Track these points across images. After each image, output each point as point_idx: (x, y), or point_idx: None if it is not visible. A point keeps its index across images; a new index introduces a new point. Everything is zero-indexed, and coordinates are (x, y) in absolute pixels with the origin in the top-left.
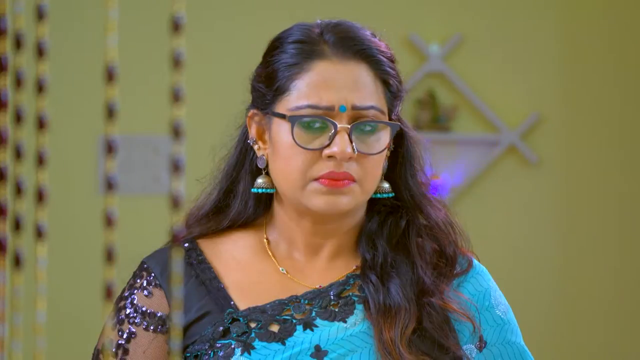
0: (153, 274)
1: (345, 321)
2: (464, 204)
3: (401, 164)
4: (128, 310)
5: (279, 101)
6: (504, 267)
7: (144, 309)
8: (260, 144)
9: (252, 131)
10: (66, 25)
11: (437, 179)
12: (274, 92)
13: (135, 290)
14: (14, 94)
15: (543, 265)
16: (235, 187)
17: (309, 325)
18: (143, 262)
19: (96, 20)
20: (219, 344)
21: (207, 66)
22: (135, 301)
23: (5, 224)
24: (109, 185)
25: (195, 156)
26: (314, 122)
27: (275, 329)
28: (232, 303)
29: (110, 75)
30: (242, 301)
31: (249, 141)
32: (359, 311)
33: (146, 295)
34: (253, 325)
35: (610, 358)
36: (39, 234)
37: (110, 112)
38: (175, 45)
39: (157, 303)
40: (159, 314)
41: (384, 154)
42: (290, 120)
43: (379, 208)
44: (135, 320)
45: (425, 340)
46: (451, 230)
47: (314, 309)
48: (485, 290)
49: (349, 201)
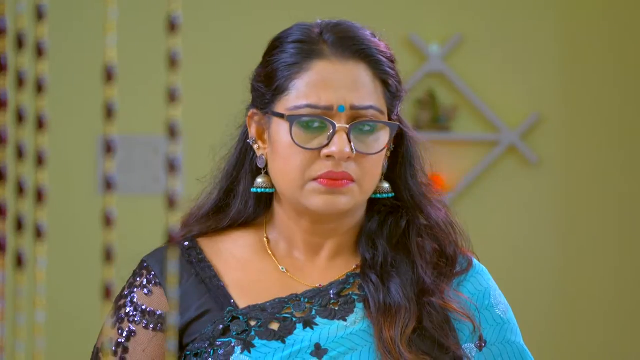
0: (153, 273)
1: (345, 320)
2: (464, 204)
3: (401, 164)
4: (128, 309)
5: (278, 101)
6: (504, 267)
7: (144, 307)
8: (260, 143)
9: (252, 131)
10: (65, 25)
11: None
12: (273, 92)
13: (135, 289)
14: (15, 93)
15: (543, 265)
16: (236, 187)
17: (309, 323)
18: (143, 261)
19: (95, 20)
20: (219, 342)
21: (207, 66)
22: (135, 299)
23: (5, 224)
24: (108, 185)
25: (194, 156)
26: (312, 122)
27: (275, 327)
28: (232, 301)
29: (109, 75)
30: (242, 299)
31: (248, 141)
32: (359, 310)
33: (146, 294)
34: (253, 323)
35: (610, 358)
36: (39, 233)
37: (110, 112)
38: (171, 45)
39: (157, 301)
40: (159, 313)
41: (383, 154)
42: (289, 119)
43: (379, 208)
44: (135, 319)
45: (426, 339)
46: (451, 230)
47: (314, 308)
48: (485, 290)
49: (347, 201)
